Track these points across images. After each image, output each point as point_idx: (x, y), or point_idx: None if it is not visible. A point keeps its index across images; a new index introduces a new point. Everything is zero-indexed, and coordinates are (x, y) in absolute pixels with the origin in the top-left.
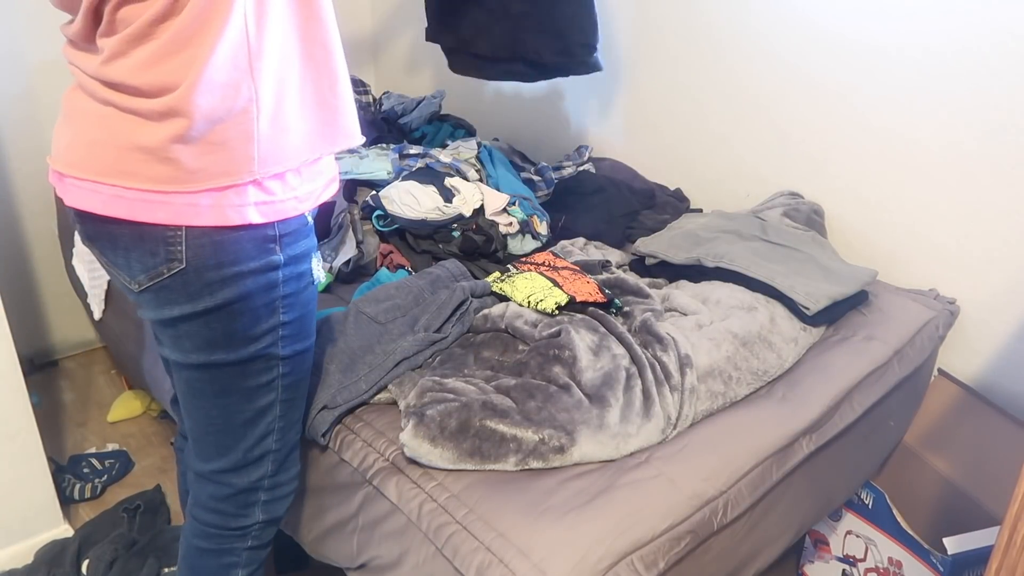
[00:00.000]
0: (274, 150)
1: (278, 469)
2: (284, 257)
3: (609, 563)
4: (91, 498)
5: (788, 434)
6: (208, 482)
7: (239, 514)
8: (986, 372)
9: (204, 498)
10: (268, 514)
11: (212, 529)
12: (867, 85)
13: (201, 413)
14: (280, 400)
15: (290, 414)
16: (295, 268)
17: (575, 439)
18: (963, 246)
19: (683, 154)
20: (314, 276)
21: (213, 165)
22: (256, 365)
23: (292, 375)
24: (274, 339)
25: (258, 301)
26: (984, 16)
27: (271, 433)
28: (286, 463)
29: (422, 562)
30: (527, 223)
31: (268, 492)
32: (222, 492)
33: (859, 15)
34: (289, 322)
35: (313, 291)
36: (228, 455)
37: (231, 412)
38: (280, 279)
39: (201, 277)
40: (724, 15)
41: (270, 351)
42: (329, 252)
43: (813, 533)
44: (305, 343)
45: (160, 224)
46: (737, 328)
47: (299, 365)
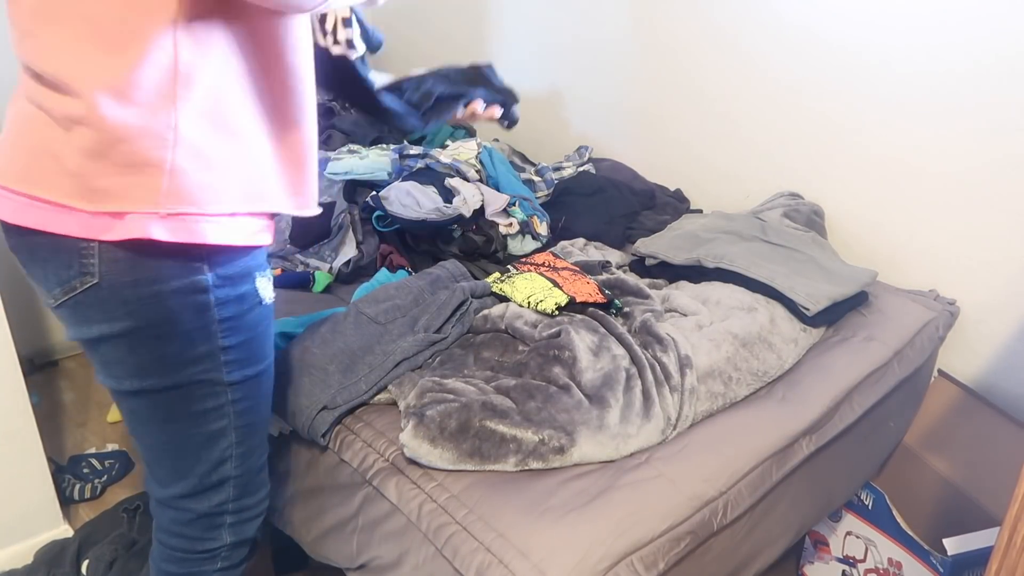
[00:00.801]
0: (188, 188)
1: (242, 493)
2: (214, 278)
3: (609, 564)
4: (91, 498)
5: (788, 435)
6: (167, 508)
7: (205, 537)
8: (986, 373)
9: (166, 523)
10: (237, 536)
11: (179, 553)
12: (867, 87)
13: (150, 440)
14: (235, 427)
15: (249, 440)
16: (232, 290)
17: (575, 440)
18: (963, 247)
19: (683, 155)
20: (261, 297)
21: (117, 188)
22: (199, 391)
23: (245, 401)
24: (215, 364)
25: (188, 324)
26: (983, 19)
27: (228, 459)
28: (250, 486)
29: (422, 562)
30: (527, 223)
31: (234, 515)
32: (183, 517)
33: (860, 19)
34: (232, 346)
35: (261, 312)
36: (183, 481)
37: (181, 438)
38: (212, 301)
39: (116, 294)
40: (725, 17)
41: (212, 376)
42: (329, 252)
43: (813, 534)
44: (257, 367)
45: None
46: (737, 329)
47: (252, 390)
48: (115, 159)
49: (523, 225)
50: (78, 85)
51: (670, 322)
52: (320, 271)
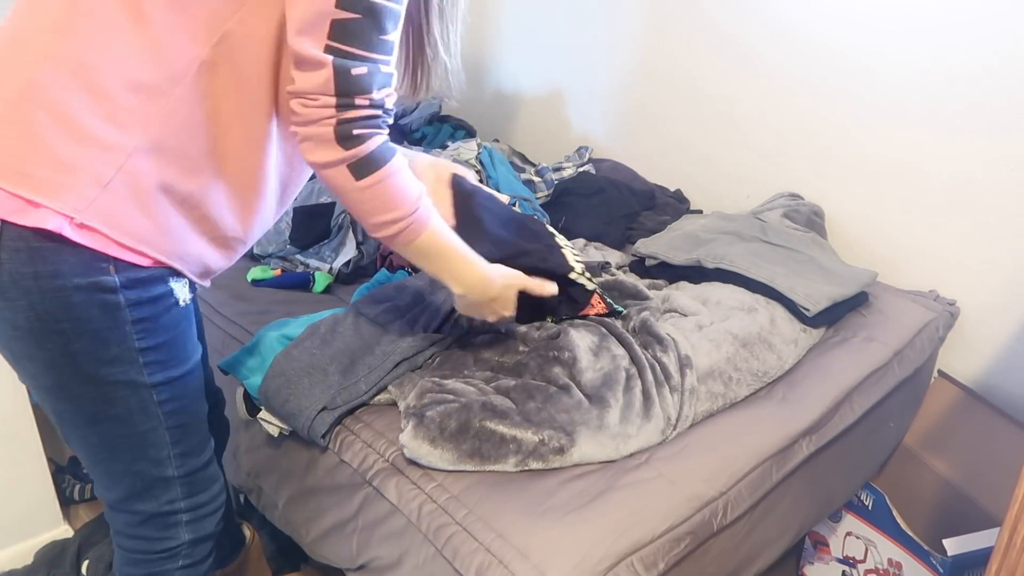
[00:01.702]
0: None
1: (191, 491)
2: (122, 279)
3: (609, 564)
4: (91, 499)
5: (788, 435)
6: (117, 511)
7: (161, 537)
8: (986, 373)
9: (120, 526)
10: (195, 533)
11: (138, 555)
12: (867, 88)
13: (81, 443)
14: (167, 428)
15: (186, 440)
16: (143, 292)
17: (575, 440)
18: (963, 248)
19: (683, 155)
20: (177, 298)
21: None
22: (119, 392)
23: (173, 402)
24: (133, 366)
25: (97, 323)
26: (983, 19)
27: (166, 460)
28: (199, 484)
29: (422, 563)
30: None
31: (189, 513)
32: (134, 519)
33: (859, 20)
34: (150, 348)
35: (179, 313)
36: (123, 483)
37: (111, 440)
38: (123, 302)
39: (17, 284)
40: (725, 17)
41: (132, 378)
42: (329, 253)
43: (813, 534)
44: (181, 368)
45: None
46: (737, 329)
47: (179, 391)
48: (60, 156)
49: None
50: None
51: (670, 322)
52: (320, 272)
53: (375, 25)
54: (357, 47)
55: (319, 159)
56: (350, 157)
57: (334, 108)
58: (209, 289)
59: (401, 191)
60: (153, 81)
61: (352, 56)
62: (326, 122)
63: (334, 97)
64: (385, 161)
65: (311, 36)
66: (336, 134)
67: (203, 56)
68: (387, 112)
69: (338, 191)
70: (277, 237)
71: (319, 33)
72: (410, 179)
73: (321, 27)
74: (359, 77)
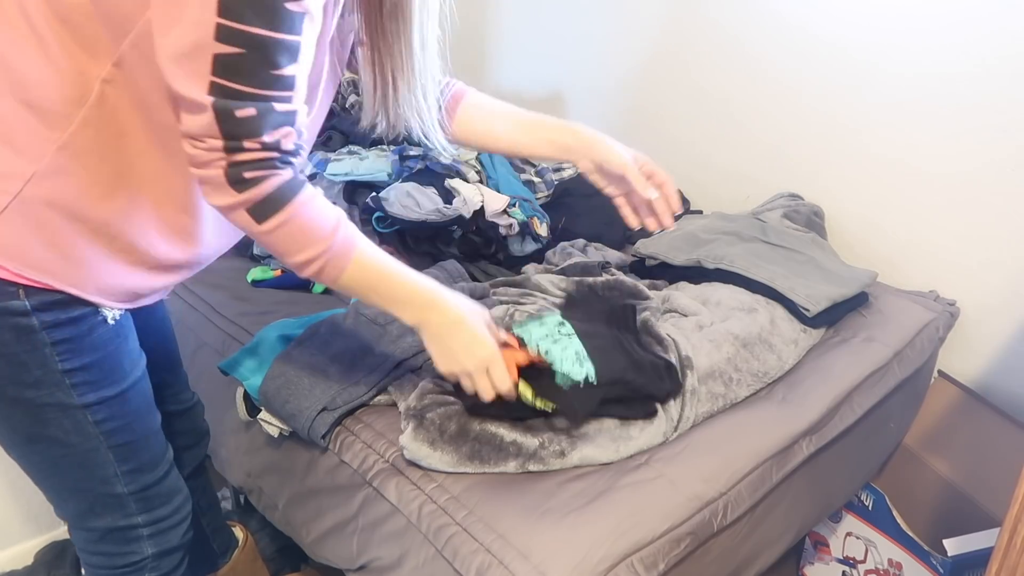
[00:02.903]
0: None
1: (146, 507)
2: (33, 303)
3: (609, 564)
4: None
5: (788, 436)
6: (76, 529)
7: (122, 552)
8: (986, 374)
9: (81, 543)
10: (159, 546)
11: (103, 571)
12: (867, 88)
13: (23, 461)
14: (109, 447)
15: (133, 458)
16: (60, 314)
17: (575, 443)
18: (963, 248)
19: (683, 155)
20: (103, 315)
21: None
22: (49, 414)
23: (111, 421)
24: (59, 388)
25: (11, 347)
26: (984, 19)
27: (114, 478)
28: (156, 499)
29: (422, 564)
30: (527, 224)
31: (149, 527)
32: (92, 536)
33: (859, 20)
34: (76, 369)
35: (108, 332)
36: (73, 500)
37: (50, 460)
38: (37, 325)
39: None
40: (725, 17)
41: (60, 400)
42: None
43: (813, 535)
44: (116, 387)
45: None
46: (737, 329)
47: (117, 410)
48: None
49: (523, 226)
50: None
51: (670, 322)
52: None
53: (263, 60)
54: (242, 84)
55: (217, 202)
56: (246, 201)
57: (222, 151)
58: (209, 289)
59: (312, 226)
60: (52, 103)
61: (237, 95)
62: (216, 164)
63: (220, 140)
64: (287, 200)
65: (190, 71)
66: (227, 177)
67: (103, 76)
68: (286, 153)
69: (246, 232)
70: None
71: (200, 68)
72: (322, 209)
73: (202, 62)
74: (245, 119)
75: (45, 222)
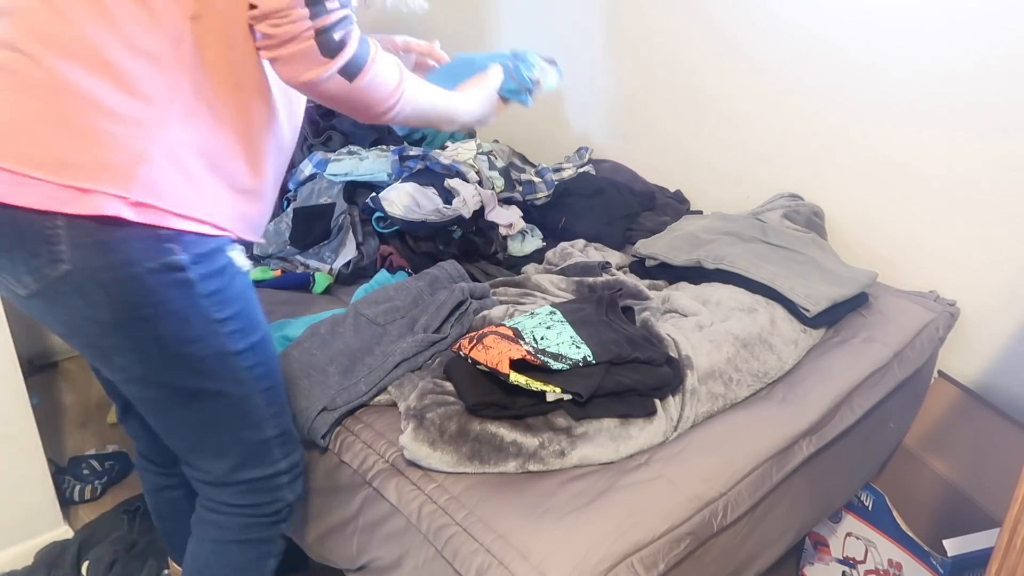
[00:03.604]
0: (160, 184)
1: (286, 452)
2: (190, 256)
3: (609, 565)
4: (91, 500)
5: (788, 436)
6: (224, 486)
7: (271, 500)
8: (986, 374)
9: (229, 497)
10: (294, 492)
11: (252, 519)
12: (867, 88)
13: (182, 425)
14: (259, 390)
15: (276, 400)
16: (209, 265)
17: (575, 443)
18: (963, 248)
19: (683, 156)
20: (238, 266)
21: (89, 165)
22: (211, 365)
23: (260, 365)
24: (217, 338)
25: (176, 303)
26: (983, 19)
27: (264, 422)
28: (291, 442)
29: (422, 564)
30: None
31: (288, 473)
32: (242, 488)
33: (859, 21)
34: (229, 318)
35: (243, 280)
36: (229, 454)
37: (211, 415)
38: (194, 279)
39: (92, 278)
40: (724, 18)
41: (220, 350)
42: (329, 254)
43: (813, 535)
44: (259, 332)
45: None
46: (737, 330)
47: (262, 355)
48: (98, 138)
49: (524, 225)
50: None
51: (671, 322)
52: (320, 272)
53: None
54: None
55: (309, 77)
56: (339, 63)
57: (308, 20)
58: None
59: (389, 68)
60: (160, 49)
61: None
62: (305, 36)
63: (305, 8)
64: (369, 52)
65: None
66: (320, 45)
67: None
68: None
69: (334, 99)
70: (277, 238)
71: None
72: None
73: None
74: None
75: (183, 161)
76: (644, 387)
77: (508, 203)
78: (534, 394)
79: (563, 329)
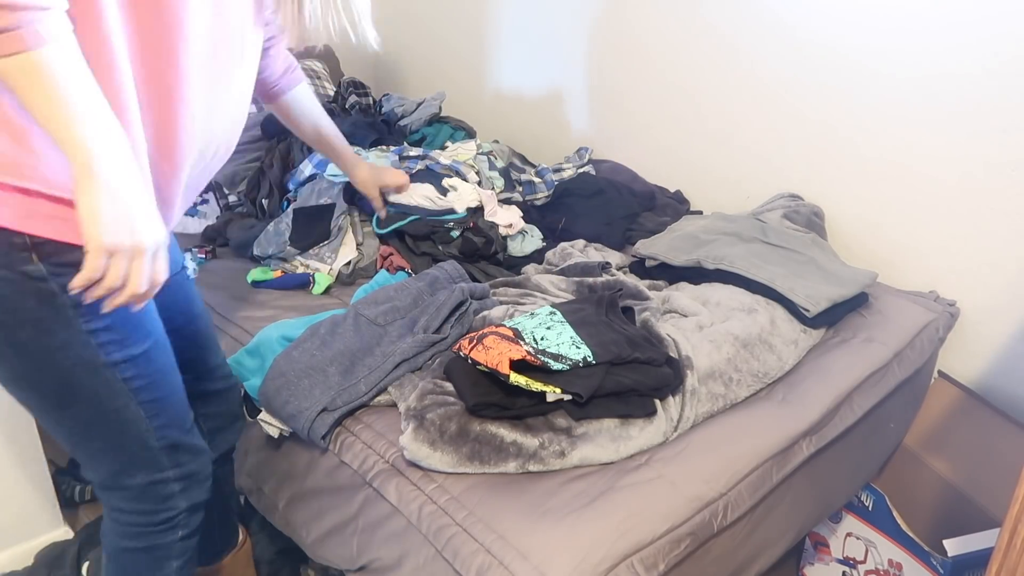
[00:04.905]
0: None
1: (177, 462)
2: (48, 267)
3: (609, 565)
4: (91, 500)
5: (788, 436)
6: (111, 490)
7: (159, 508)
8: (986, 374)
9: (116, 502)
10: (190, 500)
11: (137, 528)
12: (868, 89)
13: (57, 427)
14: (139, 403)
15: (163, 413)
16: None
17: (575, 443)
18: (963, 248)
19: (683, 156)
20: None
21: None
22: (79, 374)
23: (141, 378)
24: (86, 348)
25: (34, 312)
26: (982, 21)
27: (146, 433)
28: (185, 453)
29: (422, 564)
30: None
31: (179, 483)
32: (129, 494)
33: (859, 22)
34: (100, 329)
35: None
36: (108, 459)
37: (85, 422)
38: (56, 289)
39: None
40: (726, 19)
41: (90, 359)
42: (329, 254)
43: (813, 535)
44: (140, 345)
45: None
46: (738, 330)
47: (144, 367)
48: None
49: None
50: None
51: (671, 323)
52: (320, 273)
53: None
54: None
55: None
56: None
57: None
58: (209, 290)
59: None
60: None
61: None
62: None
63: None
64: None
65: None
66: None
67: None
68: None
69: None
70: (277, 238)
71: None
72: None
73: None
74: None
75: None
76: (644, 387)
77: (508, 203)
78: (534, 394)
79: (563, 329)
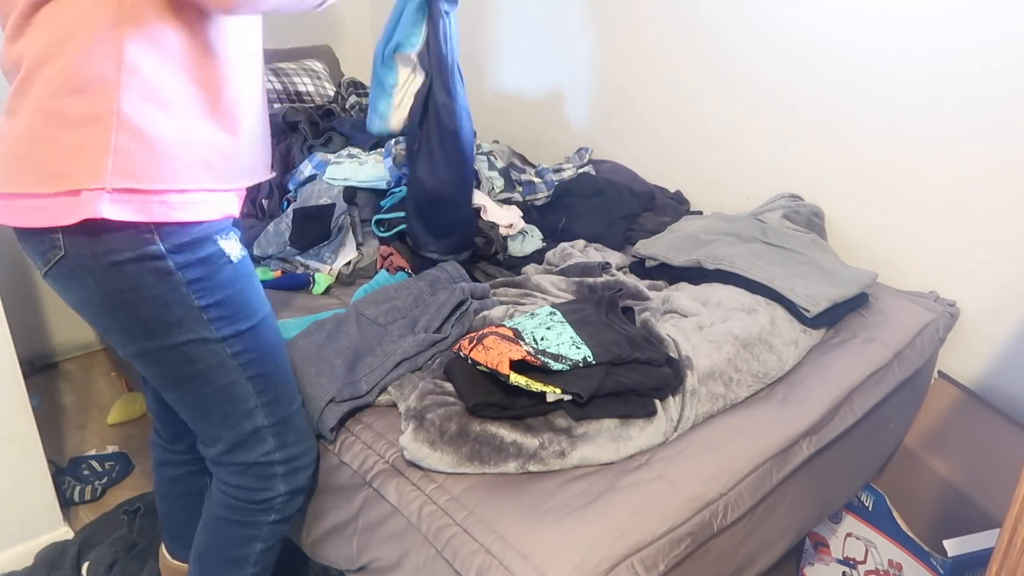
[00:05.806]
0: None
1: (284, 443)
2: (167, 246)
3: (609, 565)
4: (91, 500)
5: (788, 436)
6: (219, 465)
7: (260, 487)
8: (986, 374)
9: (224, 475)
10: (289, 485)
11: (239, 502)
12: (867, 89)
13: (179, 402)
14: (247, 378)
15: (270, 389)
16: (191, 255)
17: (575, 443)
18: (963, 248)
19: (683, 156)
20: (228, 256)
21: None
22: (193, 350)
23: (248, 352)
24: (199, 324)
25: (154, 289)
26: (982, 22)
27: (255, 410)
28: (291, 435)
29: (422, 564)
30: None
31: (284, 465)
32: (235, 469)
33: (859, 23)
34: (211, 305)
35: (234, 270)
36: (221, 436)
37: (199, 397)
38: (173, 266)
39: (82, 264)
40: (725, 19)
41: (202, 335)
42: (329, 254)
43: (813, 535)
44: (248, 321)
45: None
46: (738, 330)
47: (252, 343)
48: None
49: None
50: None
51: (671, 323)
52: (320, 273)
53: None
54: None
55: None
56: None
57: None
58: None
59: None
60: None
61: None
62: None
63: None
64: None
65: None
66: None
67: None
68: None
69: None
70: (277, 238)
71: None
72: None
73: None
74: None
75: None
76: (644, 387)
77: (508, 203)
78: (534, 395)
79: (563, 330)
